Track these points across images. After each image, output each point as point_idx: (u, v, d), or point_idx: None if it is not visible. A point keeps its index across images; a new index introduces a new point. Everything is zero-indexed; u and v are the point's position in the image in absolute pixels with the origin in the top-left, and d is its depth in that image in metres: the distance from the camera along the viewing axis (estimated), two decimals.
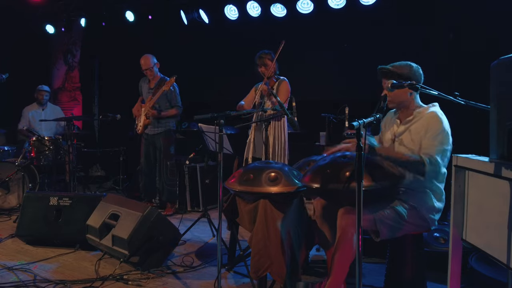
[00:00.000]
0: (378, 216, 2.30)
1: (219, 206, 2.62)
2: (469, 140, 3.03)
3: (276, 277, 2.61)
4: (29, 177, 5.06)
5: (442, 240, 3.18)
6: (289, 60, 5.47)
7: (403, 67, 2.47)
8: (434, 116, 2.40)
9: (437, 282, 2.84)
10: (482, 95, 2.03)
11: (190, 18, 5.94)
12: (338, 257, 2.27)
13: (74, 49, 7.85)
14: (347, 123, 3.79)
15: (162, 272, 3.13)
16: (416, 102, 2.53)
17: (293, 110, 3.23)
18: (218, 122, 2.66)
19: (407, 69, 2.46)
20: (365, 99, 2.60)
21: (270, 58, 4.11)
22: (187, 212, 5.10)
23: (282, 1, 5.29)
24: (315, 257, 3.46)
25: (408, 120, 2.50)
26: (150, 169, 5.03)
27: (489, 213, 1.73)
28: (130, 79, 5.24)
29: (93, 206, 3.58)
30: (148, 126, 4.88)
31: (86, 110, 7.71)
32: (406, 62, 2.51)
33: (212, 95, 6.14)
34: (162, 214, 3.39)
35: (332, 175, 2.28)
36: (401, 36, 4.69)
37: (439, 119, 2.38)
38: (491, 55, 1.76)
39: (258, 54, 4.16)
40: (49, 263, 3.33)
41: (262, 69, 4.13)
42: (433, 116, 2.40)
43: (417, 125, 2.45)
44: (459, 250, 1.96)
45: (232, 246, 3.28)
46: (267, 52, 4.14)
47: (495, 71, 1.62)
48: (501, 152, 1.57)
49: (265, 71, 4.09)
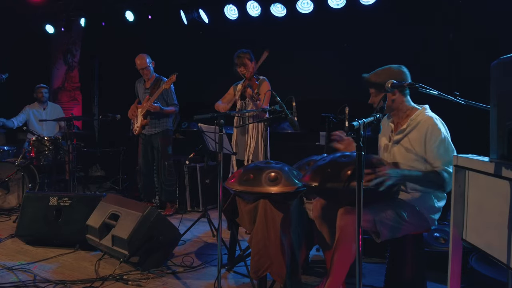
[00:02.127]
0: (378, 217, 2.29)
1: (219, 206, 2.62)
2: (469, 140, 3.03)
3: (276, 277, 2.61)
4: (29, 177, 5.06)
5: (442, 240, 3.18)
6: (289, 60, 5.50)
7: (381, 74, 2.44)
8: (432, 124, 2.36)
9: (437, 282, 2.84)
10: (482, 95, 2.03)
11: (190, 18, 5.94)
12: (337, 257, 2.27)
13: (74, 49, 7.85)
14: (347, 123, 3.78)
15: (162, 272, 3.13)
16: (408, 103, 2.51)
17: (293, 110, 3.23)
18: (218, 122, 2.66)
19: (386, 73, 2.41)
20: (365, 99, 2.60)
21: (249, 57, 4.08)
22: (187, 212, 5.11)
23: (282, 1, 5.29)
24: (315, 257, 3.46)
25: (403, 129, 2.46)
26: (148, 169, 5.03)
27: (489, 213, 1.73)
28: (130, 79, 5.24)
29: (93, 206, 3.58)
30: (146, 127, 4.88)
31: (86, 110, 7.71)
32: (386, 66, 2.48)
33: (212, 95, 6.12)
34: (162, 214, 3.39)
35: (332, 174, 2.28)
36: (401, 36, 4.69)
37: (437, 127, 2.35)
38: (491, 55, 1.75)
39: (237, 54, 4.12)
40: (49, 263, 3.33)
41: (241, 69, 4.09)
42: (431, 124, 2.36)
43: (416, 133, 2.41)
44: (459, 250, 1.96)
45: (232, 246, 3.28)
46: (245, 51, 4.10)
47: (495, 71, 1.61)
48: (501, 152, 1.56)
49: (245, 71, 4.07)
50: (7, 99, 6.44)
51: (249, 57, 4.09)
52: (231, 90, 4.33)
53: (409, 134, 2.44)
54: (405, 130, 2.46)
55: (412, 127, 2.43)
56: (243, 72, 4.09)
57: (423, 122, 2.40)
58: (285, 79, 5.02)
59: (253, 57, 4.09)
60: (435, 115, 2.43)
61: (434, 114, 2.44)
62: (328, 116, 3.82)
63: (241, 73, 4.12)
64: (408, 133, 2.45)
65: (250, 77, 4.06)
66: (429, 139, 2.34)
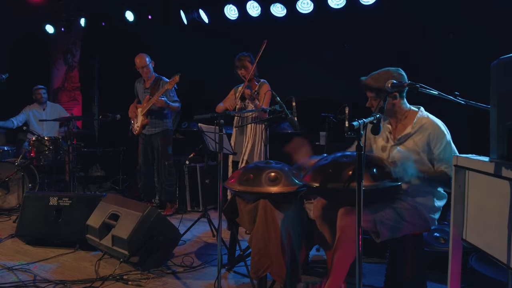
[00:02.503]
0: (378, 217, 2.30)
1: (219, 206, 2.62)
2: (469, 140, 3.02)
3: (276, 277, 2.61)
4: (29, 177, 5.06)
5: (442, 240, 3.18)
6: (289, 60, 5.50)
7: (379, 78, 2.44)
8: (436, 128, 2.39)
9: (437, 282, 2.84)
10: (482, 95, 2.03)
11: (190, 18, 5.94)
12: (337, 258, 2.27)
13: (74, 49, 7.85)
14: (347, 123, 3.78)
15: (162, 272, 3.13)
16: (404, 106, 2.53)
17: (293, 110, 3.23)
18: (218, 122, 2.66)
19: (385, 76, 2.41)
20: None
21: (250, 60, 4.11)
22: (187, 212, 5.11)
23: (282, 1, 5.29)
24: (315, 257, 3.46)
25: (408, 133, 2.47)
26: (148, 169, 5.03)
27: (489, 213, 1.73)
28: (130, 79, 5.23)
29: (93, 206, 3.58)
30: (146, 127, 4.88)
31: (86, 110, 7.70)
32: (384, 69, 2.48)
33: (212, 95, 6.13)
34: (162, 214, 3.39)
35: (333, 175, 2.28)
36: (401, 36, 4.69)
37: (441, 130, 2.38)
38: (491, 55, 1.75)
39: (238, 56, 4.15)
40: (49, 263, 3.33)
41: (242, 71, 4.12)
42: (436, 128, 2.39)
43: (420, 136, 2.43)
44: (459, 250, 1.96)
45: (232, 246, 3.27)
46: (246, 54, 4.13)
47: (495, 71, 1.61)
48: (501, 152, 1.56)
49: (245, 73, 4.08)
50: (7, 99, 6.44)
51: (250, 60, 4.11)
52: (231, 92, 4.34)
53: (413, 136, 2.45)
54: (410, 133, 2.47)
55: (415, 129, 2.45)
56: (243, 74, 4.10)
57: (426, 125, 2.42)
58: (285, 79, 5.02)
59: (253, 60, 4.10)
60: (436, 118, 2.46)
61: (434, 117, 2.47)
62: (328, 116, 3.82)
63: (242, 75, 4.13)
64: (413, 135, 2.46)
65: (250, 79, 4.07)
66: (434, 143, 2.38)
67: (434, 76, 4.38)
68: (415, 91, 2.32)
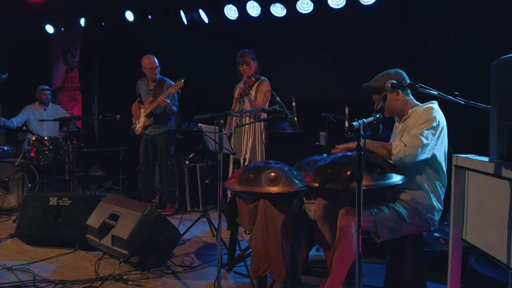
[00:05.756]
0: (378, 218, 2.30)
1: (219, 206, 2.62)
2: (469, 140, 3.03)
3: (276, 277, 2.61)
4: (29, 177, 5.06)
5: (442, 240, 3.18)
6: (289, 60, 5.50)
7: (380, 79, 2.47)
8: (428, 108, 2.40)
9: (437, 282, 2.84)
10: (482, 95, 2.03)
11: (190, 18, 5.94)
12: (337, 257, 2.27)
13: (74, 49, 7.84)
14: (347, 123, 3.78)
15: (162, 272, 3.13)
16: (411, 102, 2.53)
17: (293, 110, 3.23)
18: (218, 122, 2.66)
19: (385, 77, 2.44)
20: (365, 99, 2.60)
21: (252, 57, 4.14)
22: (187, 212, 5.10)
23: (282, 1, 5.29)
24: (315, 257, 3.46)
25: (405, 118, 2.50)
26: (149, 169, 5.04)
27: (489, 213, 1.73)
28: (130, 79, 5.23)
29: (92, 206, 3.58)
30: (149, 127, 4.89)
31: (86, 110, 7.70)
32: (384, 72, 2.51)
33: (212, 95, 6.14)
34: (162, 214, 3.39)
35: (333, 175, 2.27)
36: (401, 36, 4.69)
37: (431, 111, 2.37)
38: (491, 55, 1.76)
39: (240, 52, 4.17)
40: (48, 263, 3.33)
41: (243, 67, 4.14)
42: (426, 109, 2.40)
43: (412, 119, 2.44)
44: (459, 250, 1.96)
45: (232, 246, 3.27)
46: (248, 51, 4.16)
47: (495, 71, 1.61)
48: (501, 152, 1.56)
49: (247, 69, 4.10)
50: (7, 99, 6.44)
51: (252, 57, 4.12)
52: (235, 92, 4.34)
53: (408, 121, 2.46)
54: (407, 119, 2.48)
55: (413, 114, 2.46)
56: (245, 70, 4.11)
57: (422, 110, 2.42)
58: (285, 79, 5.02)
59: (255, 58, 4.11)
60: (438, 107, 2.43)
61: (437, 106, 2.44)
62: (328, 116, 3.82)
63: (243, 71, 4.14)
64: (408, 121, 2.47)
65: (250, 76, 4.08)
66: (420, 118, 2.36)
67: (434, 76, 4.38)
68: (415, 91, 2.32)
